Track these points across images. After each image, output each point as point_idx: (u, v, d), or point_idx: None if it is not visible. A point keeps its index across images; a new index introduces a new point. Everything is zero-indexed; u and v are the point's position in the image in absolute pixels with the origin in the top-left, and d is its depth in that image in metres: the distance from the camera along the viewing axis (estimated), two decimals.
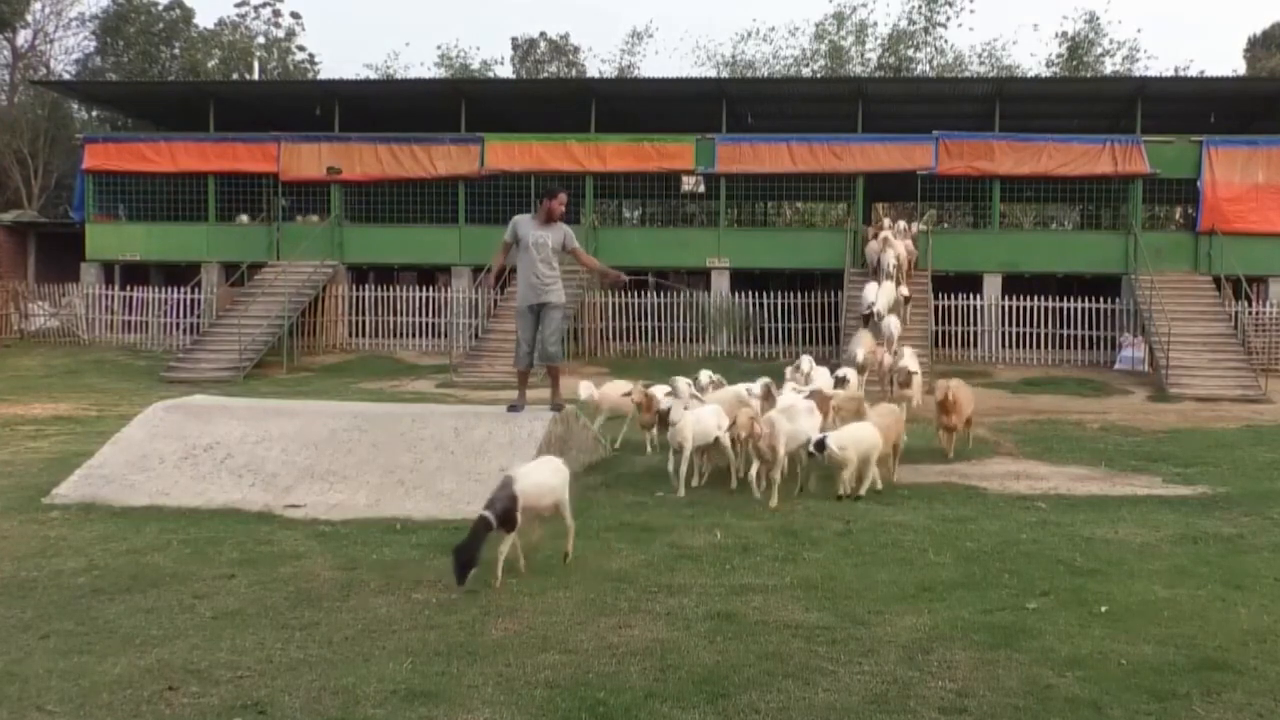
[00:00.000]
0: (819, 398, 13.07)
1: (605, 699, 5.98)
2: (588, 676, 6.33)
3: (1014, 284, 27.86)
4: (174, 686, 6.16)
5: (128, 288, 30.45)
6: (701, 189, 32.27)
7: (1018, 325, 27.23)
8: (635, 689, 6.14)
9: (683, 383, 13.23)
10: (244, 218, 31.62)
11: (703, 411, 12.03)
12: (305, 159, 30.62)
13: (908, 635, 7.09)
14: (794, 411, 11.84)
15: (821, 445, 10.99)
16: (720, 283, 28.93)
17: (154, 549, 9.19)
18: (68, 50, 52.15)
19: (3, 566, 8.68)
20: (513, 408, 12.02)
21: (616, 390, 14.54)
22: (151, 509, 10.53)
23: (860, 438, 11.46)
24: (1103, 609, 7.66)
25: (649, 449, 13.76)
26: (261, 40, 53.04)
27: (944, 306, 27.06)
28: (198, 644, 6.83)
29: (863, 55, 48.35)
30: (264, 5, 53.35)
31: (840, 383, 15.12)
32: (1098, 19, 48.08)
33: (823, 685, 6.23)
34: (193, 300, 29.69)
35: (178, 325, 29.41)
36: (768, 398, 13.21)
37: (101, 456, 11.73)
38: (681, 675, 6.36)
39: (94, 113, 45.34)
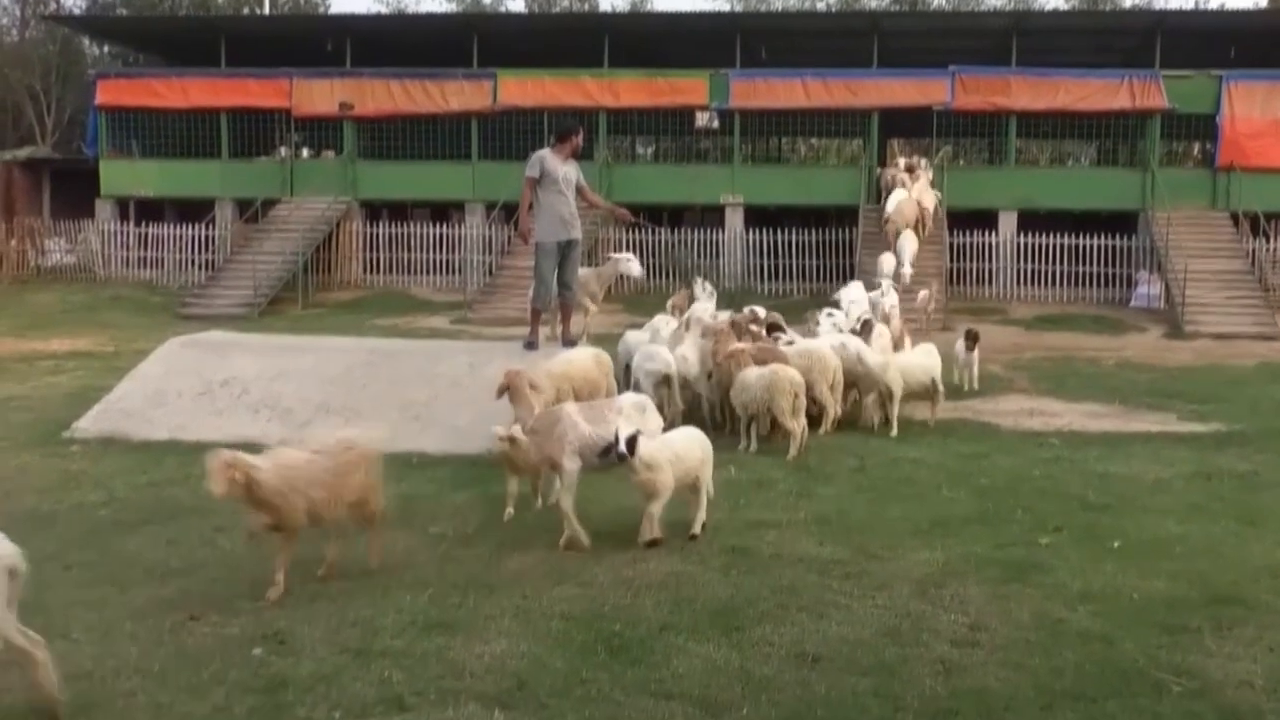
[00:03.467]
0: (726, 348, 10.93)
1: (621, 631, 6.05)
2: (603, 609, 6.40)
3: (1029, 221, 27.67)
4: (195, 616, 6.26)
5: (142, 224, 30.42)
6: (715, 125, 32.00)
7: (1033, 262, 27.08)
8: (650, 621, 6.21)
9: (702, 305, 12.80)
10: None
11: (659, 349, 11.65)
12: (317, 95, 30.43)
13: (921, 570, 7.15)
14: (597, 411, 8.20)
15: (633, 445, 7.32)
16: (734, 219, 28.79)
17: (173, 482, 9.28)
18: None
19: (25, 499, 8.78)
20: (529, 345, 12.02)
21: None
22: (170, 443, 10.62)
23: (686, 450, 7.82)
24: (1115, 544, 7.71)
25: None
26: None
27: (958, 243, 26.91)
28: (218, 576, 6.93)
29: None
30: None
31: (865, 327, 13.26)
32: None
33: (836, 619, 6.29)
34: (207, 237, 29.68)
35: (193, 262, 29.42)
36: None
37: (120, 391, 11.81)
38: (696, 608, 6.43)
39: (105, 48, 45.09)
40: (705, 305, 13.40)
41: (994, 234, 27.34)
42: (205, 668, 5.57)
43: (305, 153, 31.94)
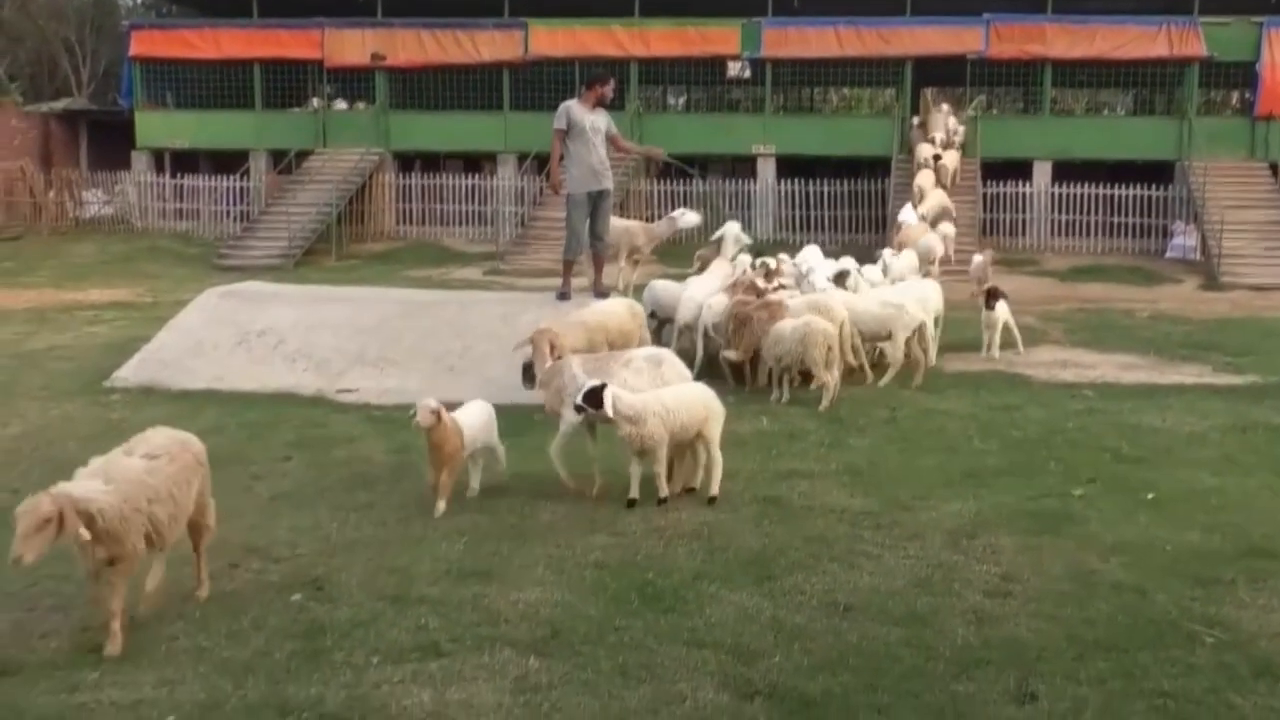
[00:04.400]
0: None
1: (654, 580, 6.11)
2: (636, 558, 6.47)
3: (1064, 171, 27.42)
4: (235, 564, 6.37)
5: (178, 175, 30.55)
6: (747, 74, 31.78)
7: (1067, 213, 26.84)
8: (683, 570, 6.28)
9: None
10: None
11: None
12: (349, 45, 30.37)
13: (952, 521, 7.18)
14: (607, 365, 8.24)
15: (596, 398, 7.17)
16: (766, 170, 28.65)
17: (212, 431, 9.34)
18: None
19: (69, 447, 8.91)
20: (562, 296, 12.06)
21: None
22: (208, 393, 10.76)
23: (679, 404, 7.50)
24: (1149, 496, 7.71)
25: None
26: None
27: (992, 194, 26.71)
28: (257, 524, 7.02)
29: None
30: None
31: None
32: None
33: (867, 569, 6.34)
34: (242, 188, 29.79)
35: (228, 213, 29.56)
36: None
37: (159, 341, 11.96)
38: (728, 557, 6.49)
39: None
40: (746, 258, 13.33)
41: (1028, 184, 27.10)
42: (245, 614, 5.67)
43: (340, 104, 31.91)
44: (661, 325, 12.17)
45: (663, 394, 7.61)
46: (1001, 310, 13.50)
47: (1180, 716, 4.72)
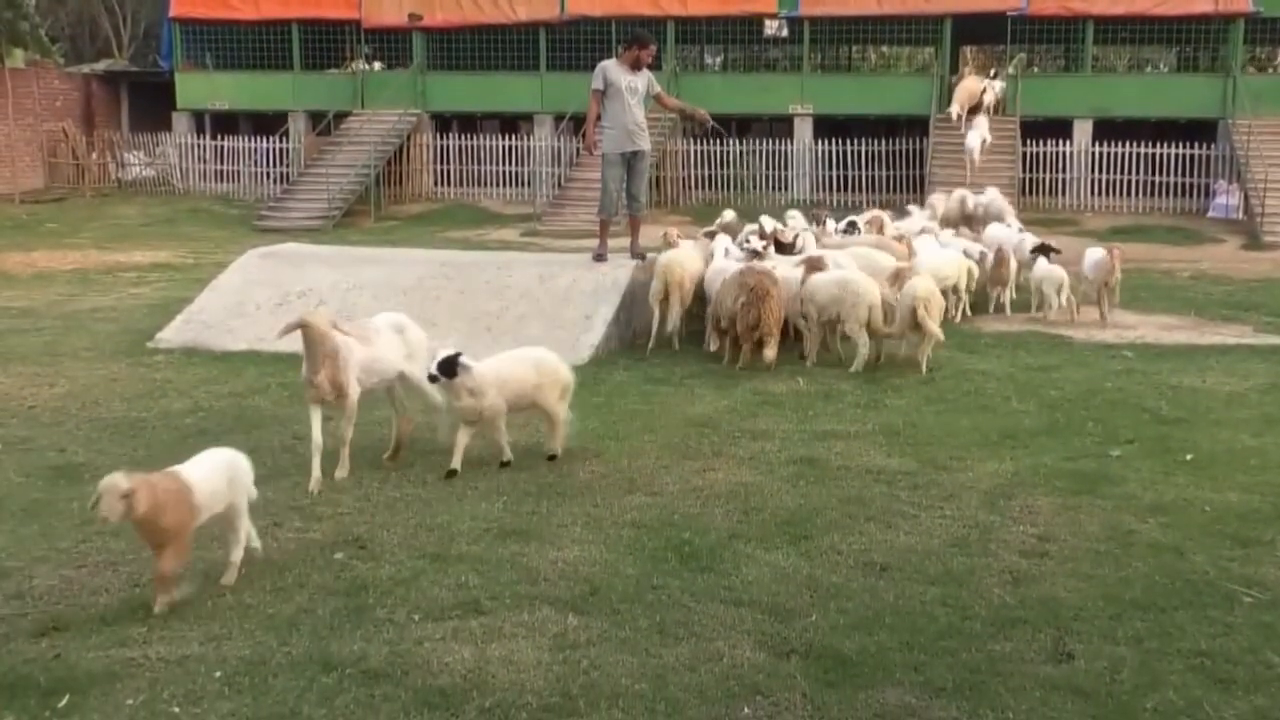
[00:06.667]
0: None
1: (691, 539, 6.15)
2: (673, 517, 6.51)
3: (1105, 129, 27.13)
4: (279, 522, 6.44)
5: (218, 137, 30.71)
6: (785, 33, 31.58)
7: (1108, 172, 26.59)
8: (720, 530, 6.32)
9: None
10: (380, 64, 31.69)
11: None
12: (386, 6, 30.35)
13: (989, 481, 7.19)
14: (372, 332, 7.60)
15: (451, 367, 7.05)
16: (803, 130, 28.49)
17: (254, 392, 9.52)
18: None
19: (115, 406, 9.06)
20: (598, 257, 12.11)
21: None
22: (250, 353, 10.86)
23: (511, 373, 7.45)
24: (1188, 457, 7.69)
25: None
26: None
27: (1032, 153, 26.50)
28: (299, 482, 7.10)
29: None
30: None
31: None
32: None
33: (904, 529, 6.36)
34: (281, 150, 29.91)
35: (268, 175, 29.73)
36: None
37: (201, 302, 12.07)
38: (765, 517, 6.52)
39: None
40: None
41: (1068, 143, 26.84)
42: (289, 571, 5.75)
43: (377, 66, 31.94)
44: None
45: (499, 362, 7.51)
46: (1038, 268, 13.44)
47: (1218, 676, 4.72)
